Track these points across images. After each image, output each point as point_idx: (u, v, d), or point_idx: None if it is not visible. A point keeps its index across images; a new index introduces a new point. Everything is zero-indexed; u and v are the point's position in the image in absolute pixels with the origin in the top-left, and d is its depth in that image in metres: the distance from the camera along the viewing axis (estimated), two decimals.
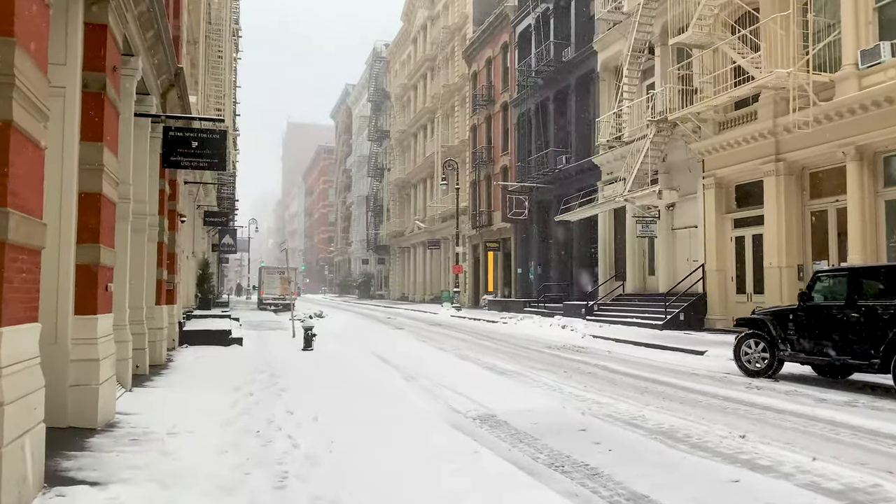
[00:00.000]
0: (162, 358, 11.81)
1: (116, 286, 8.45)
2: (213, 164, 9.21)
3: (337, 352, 14.87)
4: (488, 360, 12.91)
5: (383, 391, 9.31)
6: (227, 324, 17.71)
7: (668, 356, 13.72)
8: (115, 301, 8.07)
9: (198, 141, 9.04)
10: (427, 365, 12.31)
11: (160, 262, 12.21)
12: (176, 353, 13.75)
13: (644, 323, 19.61)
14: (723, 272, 18.97)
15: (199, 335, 15.77)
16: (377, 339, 18.40)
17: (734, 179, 18.92)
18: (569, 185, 27.45)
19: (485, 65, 37.59)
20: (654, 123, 20.17)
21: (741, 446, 6.12)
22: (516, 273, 33.12)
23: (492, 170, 36.51)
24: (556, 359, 13.20)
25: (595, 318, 22.04)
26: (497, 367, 11.86)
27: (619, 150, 23.22)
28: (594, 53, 25.94)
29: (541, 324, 20.92)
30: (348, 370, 11.62)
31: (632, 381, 10.15)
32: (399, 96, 57.40)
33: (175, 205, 14.89)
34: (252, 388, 9.27)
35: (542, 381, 10.16)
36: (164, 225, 12.29)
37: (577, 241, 27.29)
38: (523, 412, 7.86)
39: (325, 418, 7.28)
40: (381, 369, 11.88)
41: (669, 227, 21.63)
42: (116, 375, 8.38)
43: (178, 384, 9.44)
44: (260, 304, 38.27)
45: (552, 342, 16.89)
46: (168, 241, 14.47)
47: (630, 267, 23.30)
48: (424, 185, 50.55)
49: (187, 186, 20.16)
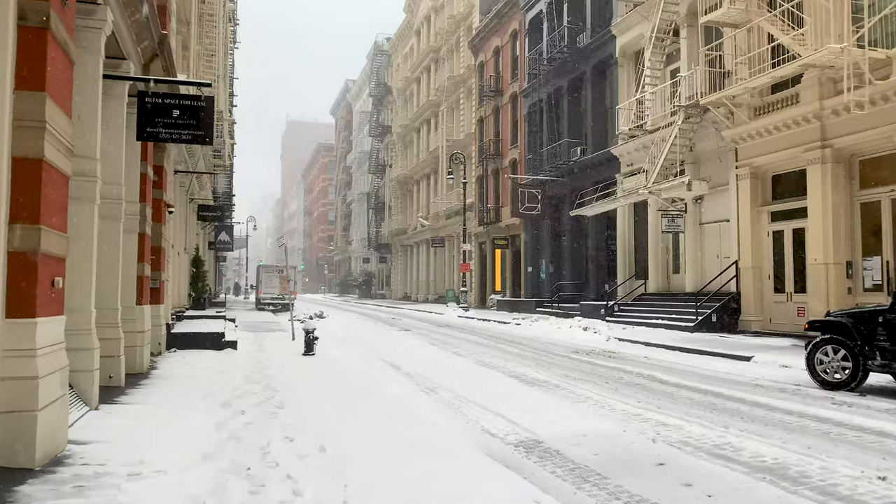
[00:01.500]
0: (143, 366, 10.33)
1: (81, 283, 6.98)
2: (198, 137, 7.72)
3: (341, 357, 13.40)
4: (513, 368, 11.43)
5: (400, 408, 7.84)
6: (221, 325, 16.23)
7: (714, 363, 12.24)
8: (73, 300, 6.58)
9: (180, 109, 7.56)
10: (445, 374, 10.84)
11: (142, 256, 10.73)
12: (161, 359, 12.27)
13: (672, 325, 18.14)
14: (758, 269, 17.49)
15: (190, 338, 14.29)
16: (384, 343, 16.94)
17: (772, 169, 17.45)
18: (584, 178, 25.97)
19: (492, 54, 36.09)
20: (683, 109, 18.68)
21: (888, 493, 4.64)
22: (526, 272, 31.63)
23: (500, 164, 35.01)
24: (590, 366, 11.72)
25: (616, 320, 20.58)
26: (526, 377, 10.38)
27: (641, 140, 21.74)
28: (612, 38, 24.45)
29: (559, 325, 19.44)
30: (356, 380, 10.15)
31: (690, 395, 8.67)
32: (401, 90, 55.89)
33: (162, 194, 13.41)
34: (244, 404, 7.79)
35: (585, 395, 8.68)
36: (146, 214, 10.81)
37: (592, 237, 25.81)
38: (576, 437, 6.39)
39: (335, 447, 5.80)
40: (393, 379, 10.41)
41: (697, 222, 20.14)
42: (78, 391, 6.91)
43: (157, 399, 7.96)
44: (258, 303, 36.82)
45: (577, 346, 15.41)
46: (152, 234, 12.99)
47: (652, 265, 21.81)
48: (428, 181, 49.04)
49: (178, 177, 18.69)
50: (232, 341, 14.36)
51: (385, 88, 61.16)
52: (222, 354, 13.45)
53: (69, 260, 6.57)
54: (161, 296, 13.43)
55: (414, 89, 52.90)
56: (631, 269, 23.40)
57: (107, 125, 8.34)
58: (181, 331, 14.63)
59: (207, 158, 24.86)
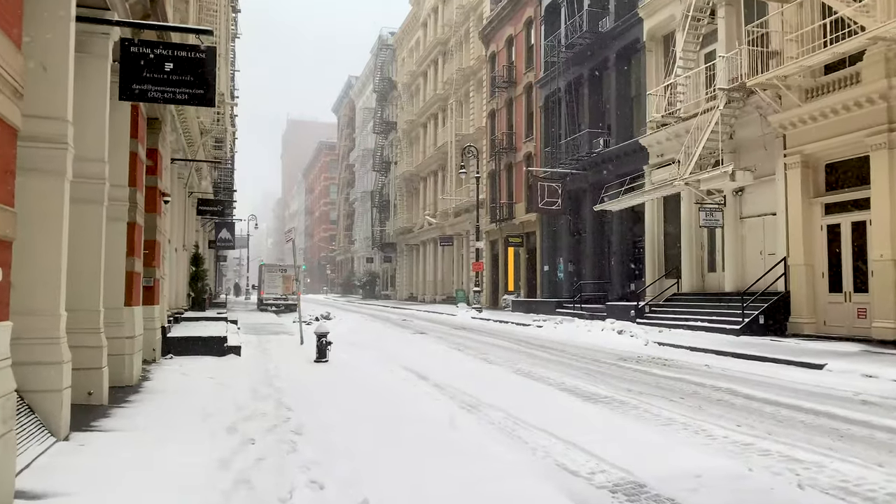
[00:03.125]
0: (132, 377, 8.82)
1: (44, 278, 5.47)
2: (196, 97, 6.20)
3: (358, 365, 11.90)
4: (561, 379, 9.91)
5: (445, 434, 6.35)
6: (223, 328, 14.73)
7: (783, 371, 10.72)
8: (31, 300, 5.09)
9: (174, 62, 6.05)
10: (482, 386, 9.33)
11: (132, 249, 9.22)
12: (156, 367, 10.76)
13: (714, 328, 16.61)
14: (810, 267, 15.97)
15: (188, 343, 12.79)
16: (401, 347, 15.43)
17: (826, 156, 15.94)
18: (607, 170, 24.45)
19: (505, 44, 34.57)
20: (725, 93, 17.16)
21: None
22: (542, 271, 30.09)
23: (513, 158, 33.49)
24: (649, 377, 10.21)
25: (648, 322, 19.07)
26: (581, 391, 8.86)
27: (674, 128, 20.22)
28: (639, 21, 22.94)
29: (588, 328, 17.92)
30: (381, 394, 8.65)
31: (795, 415, 7.15)
32: (407, 85, 54.35)
33: (157, 181, 11.91)
34: (253, 429, 6.30)
35: (666, 416, 7.16)
36: (137, 201, 9.29)
37: (616, 234, 24.29)
38: (688, 479, 4.88)
39: (380, 499, 4.31)
40: (425, 393, 8.89)
41: (737, 216, 18.62)
42: (42, 417, 5.40)
43: (145, 421, 6.46)
44: (260, 304, 35.33)
45: (618, 351, 13.89)
46: (146, 225, 11.50)
47: (686, 263, 20.29)
48: (435, 177, 47.50)
49: (176, 168, 17.18)
50: (235, 346, 12.87)
51: (390, 83, 59.64)
52: (224, 362, 11.96)
53: (27, 248, 5.07)
54: (156, 296, 11.94)
55: (420, 83, 51.37)
56: (661, 267, 21.88)
57: (86, 89, 6.84)
58: (179, 335, 13.12)
59: (208, 149, 23.36)
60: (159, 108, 11.65)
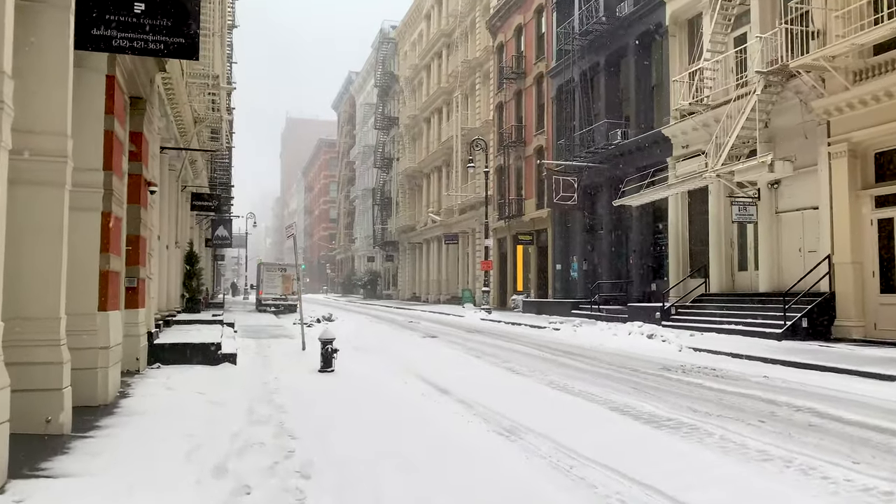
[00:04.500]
0: (107, 394, 7.49)
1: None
2: (175, 47, 4.85)
3: (368, 375, 10.58)
4: (607, 395, 8.57)
5: (489, 472, 5.04)
6: (218, 333, 13.41)
7: (860, 385, 9.35)
8: None
9: (145, 2, 4.73)
10: (515, 403, 8.02)
11: (108, 244, 7.87)
12: (139, 379, 9.44)
13: (751, 331, 15.28)
14: (859, 265, 14.65)
15: (178, 350, 11.48)
16: (412, 353, 14.10)
17: (876, 144, 14.62)
18: (626, 163, 23.11)
19: (514, 34, 33.20)
20: (763, 77, 15.83)
21: None
22: (554, 270, 28.75)
23: (523, 152, 32.13)
24: (707, 391, 8.87)
25: (676, 325, 17.75)
26: (636, 411, 7.52)
27: (701, 117, 18.88)
28: (660, 5, 21.60)
29: (614, 332, 16.59)
30: (399, 413, 7.34)
31: None
32: (409, 79, 52.97)
33: (142, 168, 10.56)
34: (249, 469, 4.99)
35: (755, 447, 5.82)
36: (113, 187, 7.93)
37: (636, 230, 22.96)
38: None
39: None
40: (451, 412, 7.56)
41: (772, 210, 17.29)
42: None
43: (111, 461, 5.12)
44: (258, 304, 33.96)
45: (655, 359, 12.56)
46: (128, 218, 10.17)
47: (715, 261, 18.95)
48: (439, 173, 46.13)
49: (167, 158, 15.84)
50: (230, 354, 11.54)
51: (391, 78, 58.26)
52: (218, 372, 10.64)
53: None
54: (140, 298, 10.60)
55: (423, 77, 50.00)
56: (685, 266, 20.55)
57: (39, 45, 5.52)
58: (168, 341, 11.78)
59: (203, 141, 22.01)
60: (143, 86, 10.31)
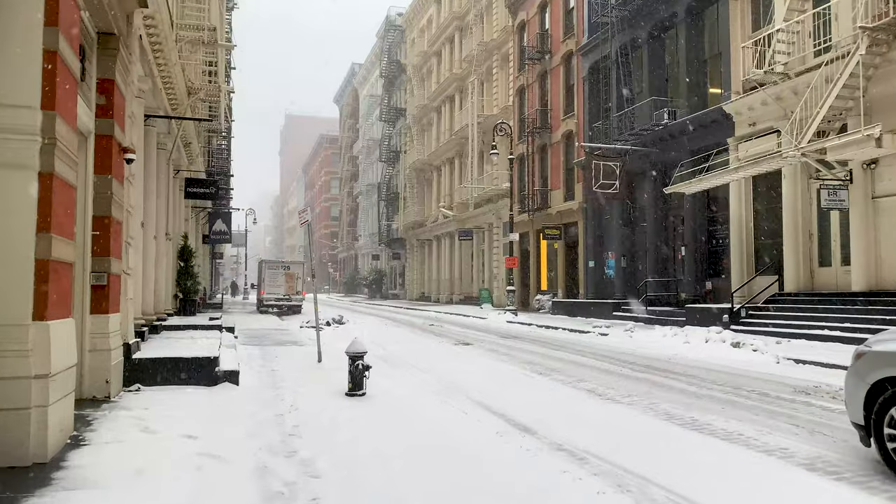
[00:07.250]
0: (46, 447, 4.92)
1: None
2: None
3: (411, 400, 8.05)
4: (743, 431, 6.01)
5: None
6: (216, 342, 10.84)
7: None
8: None
9: None
10: (631, 448, 5.47)
11: (47, 222, 5.25)
12: (108, 411, 6.85)
13: (851, 338, 12.69)
14: None
15: (164, 367, 8.92)
16: (453, 366, 11.53)
17: None
18: (676, 146, 20.53)
19: (537, 10, 30.59)
20: (867, 34, 13.26)
21: None
22: (587, 267, 26.16)
23: (549, 139, 29.51)
24: None
25: (748, 329, 15.24)
26: (801, 460, 4.94)
27: (774, 89, 16.31)
28: None
29: (686, 338, 14.05)
30: (479, 471, 4.78)
31: None
32: (418, 67, 50.33)
33: (114, 127, 7.96)
34: None
35: None
36: (56, 135, 5.31)
37: (688, 222, 20.39)
38: None
39: None
40: (556, 470, 4.97)
41: (867, 195, 14.72)
42: None
43: None
44: (260, 305, 31.45)
45: (760, 374, 9.99)
46: (96, 193, 7.65)
47: (791, 256, 16.38)
48: (451, 166, 43.51)
49: (155, 133, 13.27)
50: (231, 372, 9.00)
51: (398, 67, 55.61)
52: (216, 396, 8.11)
53: None
54: (112, 299, 8.01)
55: (433, 64, 47.36)
56: (750, 261, 17.98)
57: None
58: (152, 355, 9.20)
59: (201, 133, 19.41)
60: (116, 19, 7.73)
